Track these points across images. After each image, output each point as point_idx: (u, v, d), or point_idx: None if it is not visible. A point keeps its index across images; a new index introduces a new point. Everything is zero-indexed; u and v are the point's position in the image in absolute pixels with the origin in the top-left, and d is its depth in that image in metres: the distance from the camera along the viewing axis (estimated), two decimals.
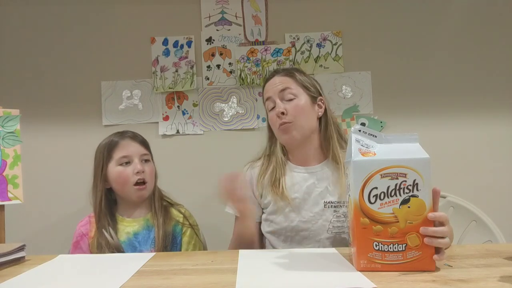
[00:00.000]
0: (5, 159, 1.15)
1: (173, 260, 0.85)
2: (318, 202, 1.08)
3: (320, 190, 1.09)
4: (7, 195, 1.14)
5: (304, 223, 1.07)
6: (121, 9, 1.87)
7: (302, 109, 1.08)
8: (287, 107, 1.08)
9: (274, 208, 1.10)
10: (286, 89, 1.09)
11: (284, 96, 1.09)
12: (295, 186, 1.10)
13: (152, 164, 1.22)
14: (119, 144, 1.17)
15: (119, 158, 1.15)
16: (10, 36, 1.86)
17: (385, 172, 0.70)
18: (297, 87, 1.10)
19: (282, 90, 1.09)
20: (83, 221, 1.21)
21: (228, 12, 1.89)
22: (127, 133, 1.21)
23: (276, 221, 1.09)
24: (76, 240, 1.17)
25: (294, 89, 1.10)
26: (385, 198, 0.70)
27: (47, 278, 0.75)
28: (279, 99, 1.09)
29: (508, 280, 0.63)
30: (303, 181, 1.10)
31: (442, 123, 1.83)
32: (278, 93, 1.10)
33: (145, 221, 1.18)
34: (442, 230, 0.69)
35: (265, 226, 1.12)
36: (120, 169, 1.15)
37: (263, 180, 1.14)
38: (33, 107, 1.81)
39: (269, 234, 1.11)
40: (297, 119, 1.07)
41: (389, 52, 1.86)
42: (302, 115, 1.08)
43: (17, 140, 1.18)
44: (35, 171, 1.73)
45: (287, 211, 1.08)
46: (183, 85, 1.86)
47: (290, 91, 1.09)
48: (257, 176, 1.16)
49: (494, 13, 1.86)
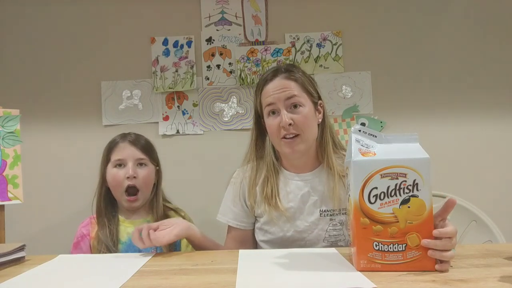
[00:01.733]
0: (5, 159, 1.15)
1: (173, 260, 0.85)
2: (313, 211, 1.04)
3: (315, 198, 1.05)
4: (7, 195, 1.14)
5: (299, 233, 1.04)
6: (121, 9, 1.87)
7: (309, 119, 1.00)
8: (295, 117, 0.98)
9: (268, 219, 1.06)
10: (293, 97, 0.99)
11: (290, 104, 0.99)
12: (289, 195, 1.06)
13: (149, 169, 1.19)
14: (117, 146, 1.18)
15: (114, 160, 1.16)
16: (10, 36, 1.86)
17: (385, 172, 0.70)
18: (302, 94, 1.01)
19: (289, 98, 0.99)
20: (85, 222, 1.21)
21: (228, 12, 1.89)
22: (128, 136, 1.21)
23: (270, 231, 1.06)
24: (77, 241, 1.17)
25: (300, 97, 1.00)
26: (385, 198, 0.70)
27: (47, 278, 0.75)
28: (284, 108, 0.99)
29: (508, 280, 0.63)
30: (298, 190, 1.06)
31: (442, 123, 1.83)
32: (284, 101, 0.99)
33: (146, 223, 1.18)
34: (444, 244, 0.67)
35: (259, 235, 1.09)
36: (114, 171, 1.16)
37: (255, 190, 1.08)
38: (33, 107, 1.81)
39: (264, 243, 1.08)
40: (305, 131, 0.99)
41: (389, 52, 1.86)
42: (310, 126, 1.00)
43: (17, 140, 1.18)
44: (35, 171, 1.73)
45: (282, 221, 1.04)
46: (183, 85, 1.86)
47: (297, 99, 0.99)
48: (248, 184, 1.10)
49: (494, 13, 1.85)
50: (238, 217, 1.11)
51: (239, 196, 1.11)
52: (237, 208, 1.11)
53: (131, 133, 1.23)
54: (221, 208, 1.15)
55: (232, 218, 1.11)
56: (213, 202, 1.67)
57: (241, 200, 1.11)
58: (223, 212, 1.13)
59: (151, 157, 1.21)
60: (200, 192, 1.78)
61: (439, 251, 0.68)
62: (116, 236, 1.14)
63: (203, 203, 1.66)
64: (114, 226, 1.15)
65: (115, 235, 1.14)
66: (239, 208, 1.11)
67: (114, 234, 1.14)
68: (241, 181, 1.12)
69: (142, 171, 1.17)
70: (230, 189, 1.14)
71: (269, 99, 1.01)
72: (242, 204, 1.10)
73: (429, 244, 0.68)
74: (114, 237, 1.13)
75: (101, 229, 1.14)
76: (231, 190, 1.14)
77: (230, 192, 1.14)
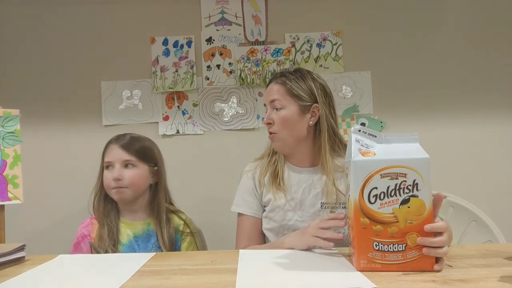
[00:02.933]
0: (5, 159, 1.15)
1: (173, 260, 0.85)
2: (314, 203, 1.11)
3: (317, 191, 1.11)
4: (7, 195, 1.14)
5: (301, 222, 1.09)
6: (121, 9, 1.87)
7: (287, 121, 1.10)
8: (274, 117, 1.11)
9: (273, 206, 1.12)
10: (275, 100, 1.11)
11: (274, 105, 1.12)
12: (293, 186, 1.13)
13: (138, 170, 1.17)
14: (108, 148, 1.19)
15: (104, 162, 1.18)
16: (10, 36, 1.86)
17: (385, 172, 0.70)
18: (287, 97, 1.11)
19: (272, 101, 1.12)
20: (85, 222, 1.21)
21: (228, 12, 1.89)
22: (120, 138, 1.20)
23: (274, 219, 1.12)
24: (77, 241, 1.17)
25: (282, 100, 1.11)
26: (385, 198, 0.70)
27: (47, 278, 0.75)
28: (270, 108, 1.13)
29: (508, 280, 0.63)
30: (301, 182, 1.13)
31: (442, 123, 1.83)
32: (269, 102, 1.13)
33: (146, 225, 1.19)
34: (440, 240, 0.69)
35: (264, 223, 1.14)
36: (105, 172, 1.18)
37: (265, 178, 1.16)
38: (33, 107, 1.81)
39: (267, 231, 1.13)
40: (281, 131, 1.10)
41: (389, 52, 1.86)
42: (286, 127, 1.10)
43: (17, 140, 1.18)
44: (35, 171, 1.73)
45: (285, 209, 1.11)
46: (183, 85, 1.86)
47: (278, 102, 1.11)
48: (259, 174, 1.18)
49: (495, 12, 1.85)
50: (253, 206, 1.15)
51: (252, 187, 1.17)
52: (252, 198, 1.16)
53: (127, 135, 1.22)
54: (235, 200, 1.18)
55: (248, 207, 1.15)
56: (213, 202, 1.68)
57: (254, 190, 1.17)
58: (238, 203, 1.17)
59: (143, 158, 1.19)
60: (200, 192, 1.78)
61: (434, 248, 0.69)
62: (117, 236, 1.14)
63: (203, 203, 1.66)
64: (114, 227, 1.15)
65: (115, 235, 1.14)
66: (254, 198, 1.16)
67: (115, 234, 1.14)
68: (254, 172, 1.19)
69: (128, 171, 1.16)
70: (244, 180, 1.19)
71: (264, 100, 1.18)
72: (255, 194, 1.16)
73: (425, 241, 0.69)
74: (115, 236, 1.13)
75: (101, 228, 1.15)
76: (245, 181, 1.19)
77: (245, 183, 1.19)
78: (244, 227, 1.15)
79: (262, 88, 1.85)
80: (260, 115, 1.84)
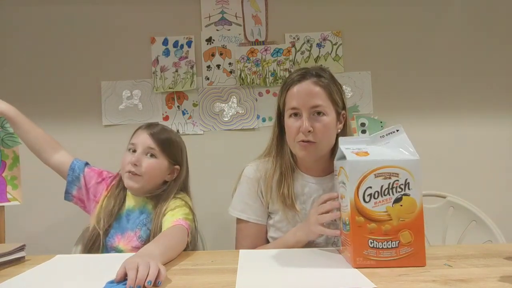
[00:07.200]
0: (4, 160, 1.15)
1: (173, 260, 0.85)
2: None
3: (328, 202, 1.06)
4: (6, 196, 1.14)
5: None
6: (121, 9, 1.87)
7: (329, 129, 1.00)
8: (315, 125, 0.98)
9: (282, 217, 1.07)
10: (319, 106, 0.98)
11: (313, 111, 0.99)
12: (304, 196, 1.07)
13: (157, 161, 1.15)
14: (136, 132, 1.19)
15: (129, 144, 1.18)
16: (10, 36, 1.85)
17: (379, 172, 0.73)
18: (329, 103, 1.01)
19: (316, 106, 0.98)
20: (113, 175, 1.23)
21: (228, 12, 1.89)
22: (150, 125, 1.20)
23: (283, 230, 1.07)
24: (102, 178, 1.22)
25: (326, 106, 1.00)
26: (379, 197, 0.74)
27: (46, 278, 0.75)
28: (307, 113, 0.99)
29: (508, 280, 0.63)
30: (312, 192, 1.07)
31: (442, 123, 1.83)
32: (309, 108, 0.99)
33: (144, 203, 1.17)
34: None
35: (271, 231, 1.10)
36: (126, 153, 1.17)
37: (271, 185, 1.08)
38: (33, 107, 1.79)
39: (273, 239, 1.09)
40: (323, 140, 1.00)
41: (389, 52, 1.86)
42: (328, 136, 1.01)
43: (17, 141, 1.18)
44: (34, 171, 1.73)
45: (295, 220, 1.06)
46: (183, 85, 1.85)
47: (322, 108, 0.99)
48: (264, 178, 1.10)
49: (495, 13, 1.85)
50: (258, 212, 1.09)
51: (256, 192, 1.10)
52: (257, 204, 1.09)
53: (159, 124, 1.22)
54: (237, 205, 1.11)
55: (253, 213, 1.09)
56: (213, 202, 1.68)
57: (259, 195, 1.10)
58: (240, 209, 1.10)
59: (165, 151, 1.16)
60: (200, 192, 1.77)
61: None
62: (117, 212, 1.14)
63: (203, 203, 1.65)
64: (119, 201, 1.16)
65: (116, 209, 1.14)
66: (259, 204, 1.10)
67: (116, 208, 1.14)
68: (258, 177, 1.10)
69: (148, 160, 1.14)
70: (245, 185, 1.11)
71: (294, 103, 1.01)
72: (261, 199, 1.10)
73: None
74: (114, 210, 1.13)
75: (109, 197, 1.16)
76: (247, 186, 1.11)
77: (246, 188, 1.11)
78: (248, 235, 1.10)
79: (262, 88, 1.85)
80: (260, 115, 1.84)
